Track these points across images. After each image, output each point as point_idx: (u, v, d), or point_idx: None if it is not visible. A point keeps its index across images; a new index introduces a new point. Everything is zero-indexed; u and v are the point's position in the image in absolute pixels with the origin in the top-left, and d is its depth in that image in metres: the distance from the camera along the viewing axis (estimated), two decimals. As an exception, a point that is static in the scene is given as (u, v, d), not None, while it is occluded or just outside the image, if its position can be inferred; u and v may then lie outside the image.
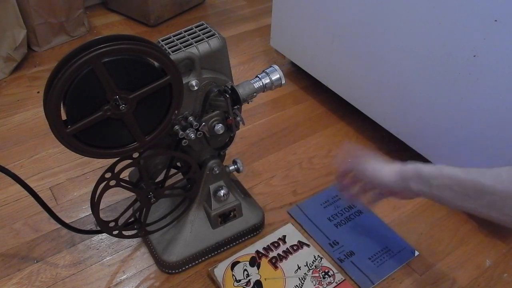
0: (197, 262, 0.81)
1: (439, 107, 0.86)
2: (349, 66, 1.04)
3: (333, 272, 0.79)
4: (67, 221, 0.75)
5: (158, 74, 0.59)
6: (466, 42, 0.77)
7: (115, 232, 0.74)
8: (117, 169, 0.67)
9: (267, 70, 0.75)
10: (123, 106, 0.58)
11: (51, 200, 0.92)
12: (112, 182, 0.67)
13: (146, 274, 0.80)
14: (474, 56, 0.77)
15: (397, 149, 1.05)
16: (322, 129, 1.13)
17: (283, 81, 0.75)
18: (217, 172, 0.78)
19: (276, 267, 0.80)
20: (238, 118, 0.72)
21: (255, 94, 0.73)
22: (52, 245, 0.84)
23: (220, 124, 0.71)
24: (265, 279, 0.78)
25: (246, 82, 0.73)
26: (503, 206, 0.54)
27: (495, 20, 0.71)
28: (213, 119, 0.72)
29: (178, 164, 0.80)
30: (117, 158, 0.66)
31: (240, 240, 0.85)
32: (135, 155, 0.66)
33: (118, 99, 0.57)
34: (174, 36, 0.69)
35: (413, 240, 0.86)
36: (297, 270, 0.79)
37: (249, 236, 0.85)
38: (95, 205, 0.69)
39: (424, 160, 0.95)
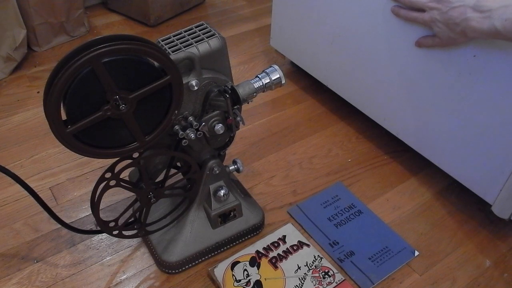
0: (197, 262, 0.81)
1: (439, 107, 0.86)
2: (349, 66, 1.04)
3: (333, 272, 0.79)
4: (67, 221, 0.75)
5: (158, 74, 0.59)
6: (466, 42, 0.77)
7: (115, 232, 0.74)
8: (117, 169, 0.67)
9: (267, 70, 0.75)
10: (123, 106, 0.58)
11: (51, 200, 0.92)
12: (112, 182, 0.67)
13: (146, 274, 0.80)
14: (474, 56, 0.77)
15: (397, 149, 1.06)
16: (322, 129, 1.13)
17: (283, 81, 0.75)
18: (217, 172, 0.78)
19: (276, 267, 0.80)
20: (238, 118, 0.72)
21: (255, 94, 0.73)
22: (52, 245, 0.84)
23: (220, 124, 0.71)
24: (265, 279, 0.78)
25: (246, 82, 0.73)
26: None
27: (495, 20, 0.71)
28: (213, 119, 0.72)
29: (178, 164, 0.80)
30: (117, 158, 0.66)
31: (240, 240, 0.85)
32: (135, 155, 0.66)
33: (118, 99, 0.57)
34: (174, 36, 0.69)
35: (413, 240, 0.86)
36: (297, 270, 0.79)
37: (249, 236, 0.85)
38: (95, 205, 0.69)
39: (423, 160, 0.95)
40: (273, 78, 0.74)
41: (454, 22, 0.72)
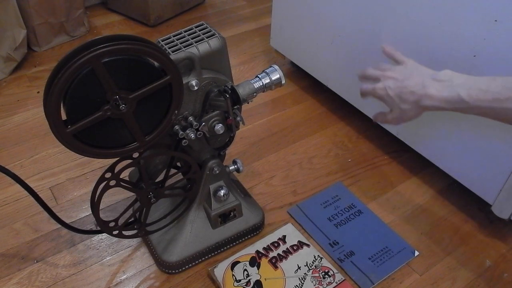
0: (197, 262, 0.81)
1: (439, 107, 0.86)
2: (349, 66, 1.04)
3: (333, 272, 0.79)
4: (67, 221, 0.75)
5: (158, 74, 0.59)
6: (466, 42, 0.77)
7: (115, 232, 0.74)
8: (117, 169, 0.67)
9: (267, 70, 0.75)
10: (123, 106, 0.58)
11: (51, 200, 0.92)
12: (112, 182, 0.67)
13: (146, 274, 0.80)
14: (474, 56, 0.77)
15: (397, 149, 1.06)
16: (322, 129, 1.13)
17: (283, 81, 0.75)
18: (217, 172, 0.78)
19: (276, 267, 0.80)
20: (238, 118, 0.72)
21: (255, 94, 0.73)
22: (52, 245, 0.84)
23: (220, 124, 0.71)
24: (265, 279, 0.78)
25: (246, 82, 0.73)
26: None
27: (495, 20, 0.71)
28: (213, 119, 0.72)
29: (178, 164, 0.80)
30: (117, 158, 0.66)
31: (240, 240, 0.85)
32: (135, 155, 0.66)
33: (118, 99, 0.57)
34: (174, 36, 0.69)
35: (413, 240, 0.86)
36: (297, 270, 0.79)
37: (249, 236, 0.85)
38: (95, 205, 0.69)
39: (423, 160, 0.95)
40: (273, 78, 0.74)
41: (409, 91, 0.69)
